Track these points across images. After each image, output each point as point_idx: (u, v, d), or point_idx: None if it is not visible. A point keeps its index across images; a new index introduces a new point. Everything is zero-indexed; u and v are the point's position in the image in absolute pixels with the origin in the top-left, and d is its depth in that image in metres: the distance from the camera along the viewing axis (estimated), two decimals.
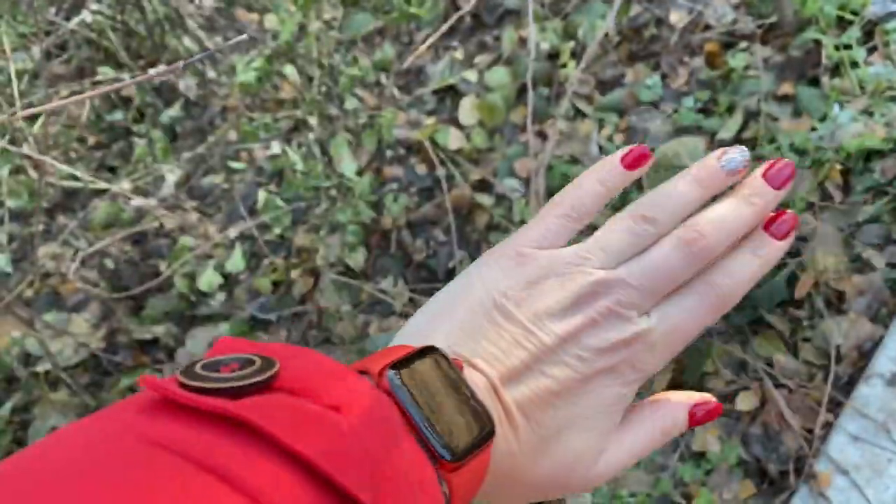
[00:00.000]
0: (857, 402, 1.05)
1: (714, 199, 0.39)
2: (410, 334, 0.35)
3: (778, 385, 1.10)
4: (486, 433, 0.31)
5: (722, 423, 1.13)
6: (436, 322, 0.35)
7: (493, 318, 0.35)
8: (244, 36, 0.41)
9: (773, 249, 0.36)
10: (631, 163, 0.38)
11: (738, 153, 0.37)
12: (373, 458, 0.24)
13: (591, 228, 0.38)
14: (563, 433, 0.34)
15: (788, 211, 0.37)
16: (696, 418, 0.38)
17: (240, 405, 0.22)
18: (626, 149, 0.38)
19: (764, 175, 0.37)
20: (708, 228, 0.35)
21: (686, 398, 0.38)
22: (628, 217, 0.36)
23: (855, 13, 1.36)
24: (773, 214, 0.37)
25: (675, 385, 1.18)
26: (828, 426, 1.06)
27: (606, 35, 1.55)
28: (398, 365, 0.30)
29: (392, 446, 0.25)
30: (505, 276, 0.36)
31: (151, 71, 0.44)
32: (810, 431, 1.06)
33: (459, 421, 0.30)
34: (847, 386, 1.09)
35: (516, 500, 0.36)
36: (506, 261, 0.36)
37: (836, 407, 1.07)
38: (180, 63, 0.45)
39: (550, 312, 0.35)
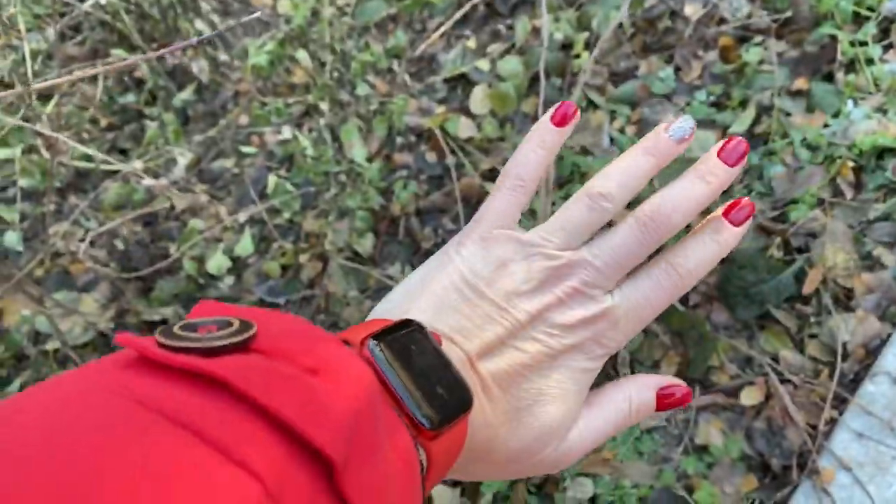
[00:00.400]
0: (862, 399, 1.05)
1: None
2: (388, 310, 0.37)
3: (783, 380, 1.10)
4: (464, 403, 0.32)
5: (726, 417, 1.13)
6: (413, 298, 0.37)
7: (466, 296, 0.36)
8: (256, 14, 0.42)
9: (730, 235, 0.38)
10: (560, 120, 0.40)
11: (684, 121, 0.39)
12: (348, 420, 0.23)
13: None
14: (535, 405, 0.36)
15: (745, 199, 0.38)
16: (664, 402, 0.39)
17: (212, 362, 0.22)
18: (553, 108, 0.40)
19: (719, 153, 0.38)
20: (665, 208, 0.37)
21: (655, 381, 0.39)
22: (584, 196, 0.38)
23: (871, 9, 1.35)
24: (732, 202, 0.38)
25: (681, 377, 1.18)
26: (832, 423, 1.06)
27: (621, 26, 1.54)
28: (378, 336, 0.31)
29: (369, 412, 0.25)
30: (475, 258, 0.37)
31: (163, 50, 0.44)
32: (814, 427, 1.06)
33: (438, 391, 0.31)
34: (853, 383, 1.09)
35: (492, 474, 0.37)
36: (474, 244, 0.38)
37: (841, 404, 1.07)
38: (193, 39, 0.45)
39: (520, 292, 0.37)
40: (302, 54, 1.47)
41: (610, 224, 0.39)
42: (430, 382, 0.31)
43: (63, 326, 1.45)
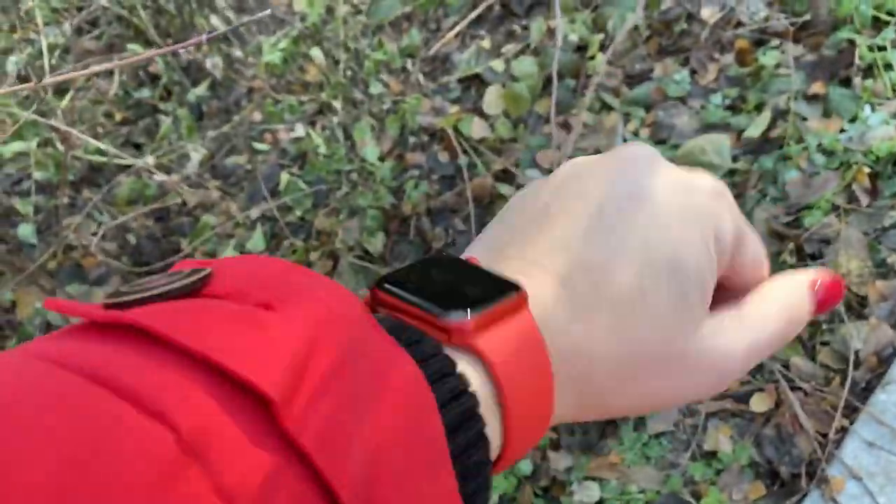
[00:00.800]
0: (873, 408, 1.04)
1: None
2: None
3: (794, 388, 1.09)
4: (504, 292, 0.23)
5: (735, 423, 1.12)
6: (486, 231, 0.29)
7: (525, 198, 0.29)
8: (267, 11, 0.41)
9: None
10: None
11: None
12: (296, 351, 0.19)
13: None
14: (643, 289, 0.25)
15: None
16: (821, 293, 0.29)
17: (135, 312, 0.19)
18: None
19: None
20: None
21: (806, 275, 0.30)
22: None
23: (891, 14, 1.34)
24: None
25: None
26: (843, 431, 1.05)
27: (636, 28, 1.53)
28: (395, 274, 0.25)
29: (351, 345, 0.20)
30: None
31: (173, 46, 0.44)
32: (824, 436, 1.05)
33: (466, 290, 0.24)
34: (864, 392, 1.07)
35: (655, 399, 0.27)
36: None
37: (851, 412, 1.06)
38: (203, 36, 0.45)
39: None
40: (316, 52, 1.47)
41: None
42: (454, 286, 0.24)
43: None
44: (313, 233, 1.50)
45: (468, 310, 0.22)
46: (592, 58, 1.52)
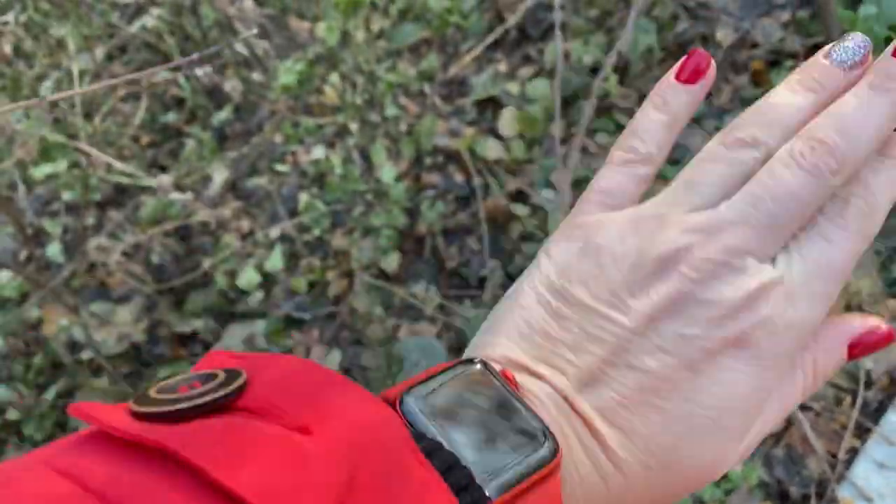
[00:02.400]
0: (885, 428, 1.03)
1: None
2: (474, 346, 0.29)
3: (804, 407, 1.08)
4: (542, 456, 0.23)
5: None
6: (495, 327, 0.28)
7: (556, 311, 0.26)
8: (254, 31, 0.44)
9: None
10: (689, 76, 0.30)
11: (852, 41, 0.28)
12: (341, 489, 0.19)
13: None
14: (683, 442, 0.25)
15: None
16: (860, 350, 0.28)
17: (169, 433, 0.18)
18: (680, 61, 0.30)
19: (894, 52, 0.27)
20: (831, 134, 0.26)
21: (846, 331, 0.28)
22: (719, 145, 0.27)
23: None
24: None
25: None
26: (853, 452, 1.04)
27: (650, 50, 1.54)
28: (421, 385, 0.24)
29: (388, 476, 0.20)
30: (569, 254, 0.27)
31: (167, 65, 0.46)
32: (834, 456, 1.04)
33: (500, 446, 0.23)
34: (876, 412, 1.06)
35: None
36: (569, 237, 0.28)
37: (863, 433, 1.05)
38: (195, 55, 0.48)
39: (628, 284, 0.25)
40: (334, 76, 1.51)
41: None
42: (489, 436, 0.23)
43: (98, 337, 1.49)
44: (330, 252, 1.52)
45: (504, 489, 0.22)
46: (606, 79, 1.53)
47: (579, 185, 1.36)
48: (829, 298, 0.26)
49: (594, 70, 1.57)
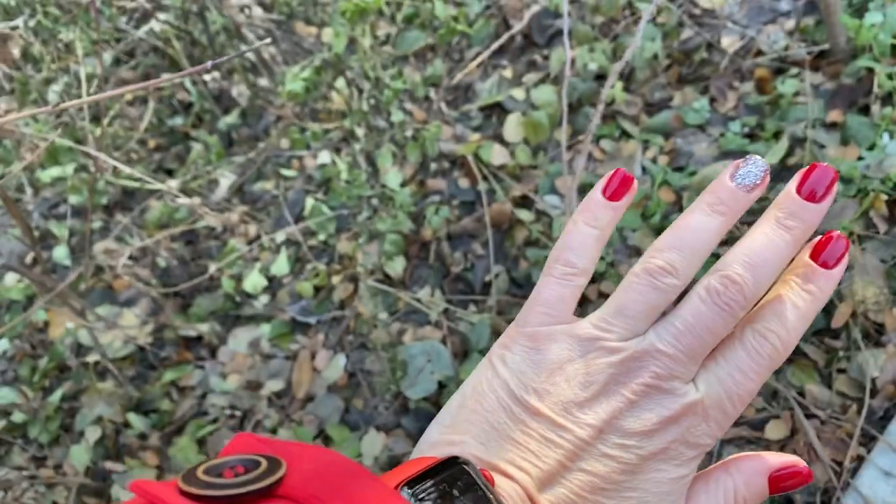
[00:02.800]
0: (890, 437, 1.03)
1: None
2: (434, 442, 0.32)
3: (809, 415, 1.08)
4: None
5: (750, 450, 1.11)
6: (459, 425, 0.32)
7: (517, 417, 0.31)
8: (267, 40, 0.44)
9: (825, 282, 0.31)
10: (613, 193, 0.34)
11: (752, 164, 0.32)
12: None
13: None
14: None
15: (835, 232, 0.31)
16: (781, 486, 0.32)
17: None
18: (604, 179, 0.34)
19: (798, 188, 0.31)
20: (740, 271, 0.30)
21: (767, 464, 0.32)
22: (643, 272, 0.31)
23: None
24: (819, 239, 0.31)
25: None
26: (859, 460, 1.04)
27: (656, 57, 1.55)
28: (416, 481, 0.27)
29: None
30: (524, 365, 0.32)
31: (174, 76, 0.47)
32: (840, 464, 1.04)
33: None
34: (882, 420, 1.06)
35: None
36: (521, 347, 0.32)
37: (868, 441, 1.05)
38: (208, 63, 0.48)
39: (579, 401, 0.30)
40: (341, 82, 1.52)
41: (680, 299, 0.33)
42: None
43: (104, 340, 1.50)
44: (336, 257, 1.53)
45: None
46: (612, 86, 1.53)
47: (584, 191, 1.37)
48: (735, 417, 0.31)
49: (599, 77, 1.57)
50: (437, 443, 0.32)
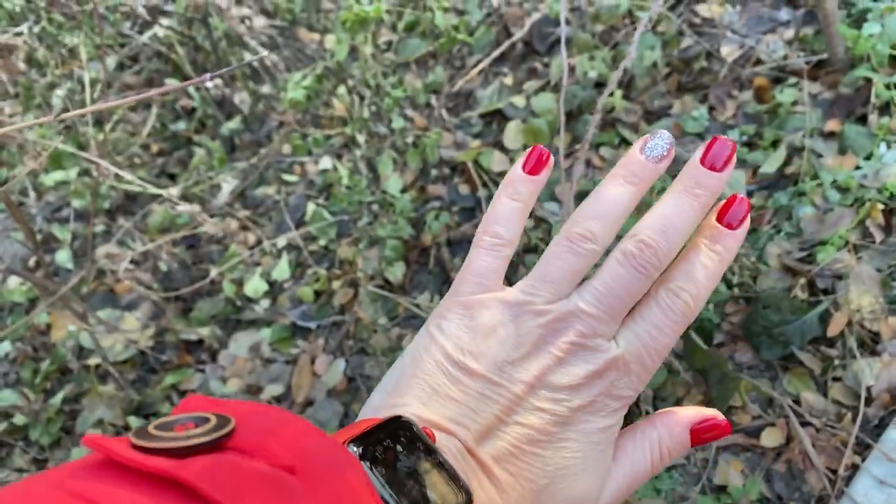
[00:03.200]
0: (885, 445, 1.03)
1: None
2: (377, 406, 0.34)
3: (804, 423, 1.09)
4: (461, 501, 0.29)
5: (745, 458, 1.12)
6: (401, 389, 0.34)
7: (455, 378, 0.33)
8: (265, 53, 0.45)
9: (730, 241, 0.34)
10: (533, 168, 0.37)
11: (659, 138, 0.35)
12: None
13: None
14: (556, 481, 0.32)
15: (738, 195, 0.34)
16: (701, 437, 0.35)
17: (180, 466, 0.21)
18: (524, 155, 0.37)
19: (702, 160, 0.35)
20: (653, 235, 0.33)
21: (688, 418, 0.36)
22: (565, 240, 0.34)
23: None
24: (723, 203, 0.34)
25: None
26: (853, 468, 1.04)
27: (655, 65, 1.56)
28: (361, 439, 0.29)
29: None
30: (459, 330, 0.34)
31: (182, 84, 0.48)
32: (834, 472, 1.04)
33: (430, 495, 0.28)
34: (876, 429, 1.07)
35: None
36: (456, 315, 0.35)
37: (863, 449, 1.05)
38: (207, 75, 0.49)
39: (512, 360, 0.33)
40: (342, 89, 1.53)
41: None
42: (419, 485, 0.28)
43: (105, 343, 1.51)
44: (336, 262, 1.53)
45: None
46: (611, 94, 1.54)
47: (582, 198, 1.37)
48: (654, 370, 0.34)
49: (599, 84, 1.58)
50: (380, 407, 0.34)
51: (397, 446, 0.29)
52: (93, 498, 0.20)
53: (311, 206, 1.59)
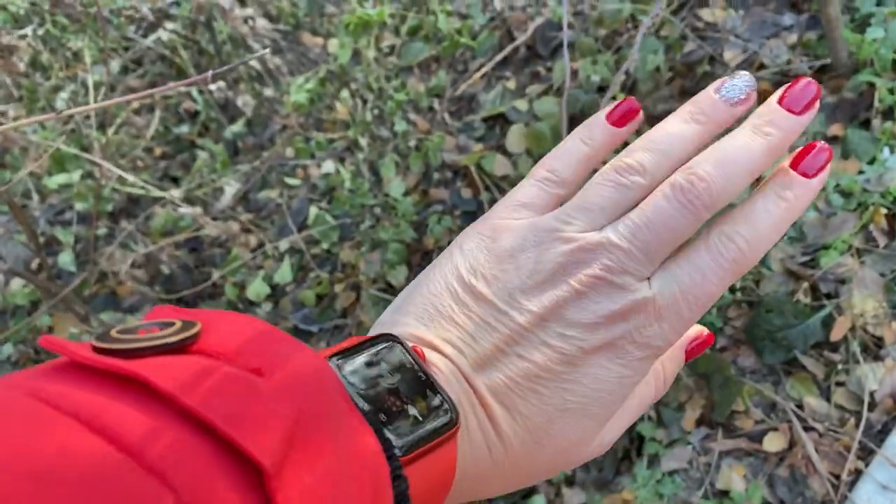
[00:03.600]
0: (888, 450, 1.03)
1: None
2: (384, 322, 0.32)
3: (807, 428, 1.08)
4: (443, 423, 0.27)
5: (748, 462, 1.11)
6: (405, 308, 0.32)
7: (462, 300, 0.31)
8: (267, 51, 0.45)
9: (803, 190, 0.30)
10: (618, 119, 0.33)
11: (740, 79, 0.31)
12: (287, 422, 0.21)
13: None
14: (555, 423, 0.30)
15: (819, 142, 0.31)
16: (692, 354, 0.34)
17: (137, 363, 0.20)
18: (612, 104, 0.34)
19: (780, 100, 0.31)
20: (709, 169, 0.29)
21: (683, 340, 0.34)
22: (611, 170, 0.31)
23: None
24: (800, 149, 0.31)
25: (705, 420, 1.17)
26: (856, 473, 1.04)
27: (658, 70, 1.56)
28: (344, 354, 0.27)
29: (328, 417, 0.22)
30: (478, 251, 0.31)
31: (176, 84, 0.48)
32: (838, 477, 1.04)
33: (409, 410, 0.27)
34: (880, 434, 1.06)
35: (500, 491, 0.32)
36: (479, 236, 0.32)
37: (866, 454, 1.05)
38: (209, 73, 0.49)
39: (524, 288, 0.30)
40: (345, 93, 1.53)
41: None
42: (399, 401, 0.27)
43: None
44: (338, 265, 1.53)
45: (410, 448, 0.26)
46: (614, 98, 1.54)
47: None
48: (692, 321, 0.30)
49: (602, 88, 1.58)
50: (383, 323, 0.32)
51: (381, 362, 0.28)
52: (48, 398, 0.19)
53: (313, 210, 1.59)
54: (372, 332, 0.31)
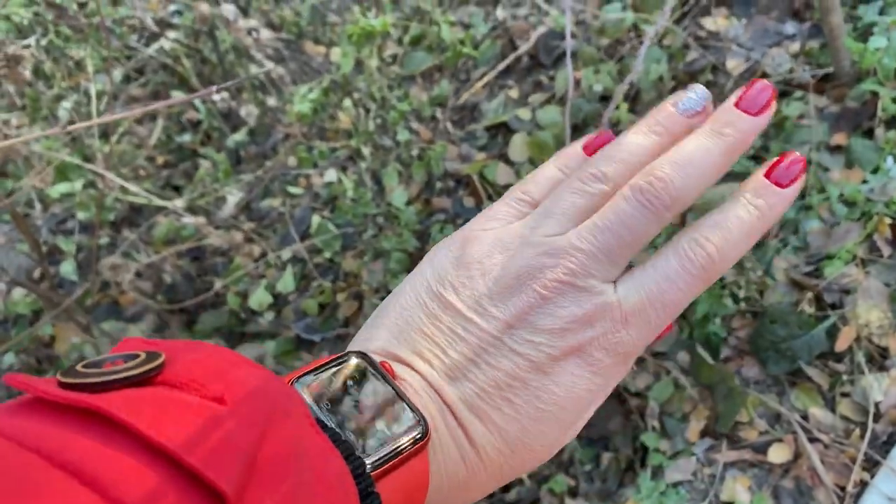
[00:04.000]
0: (894, 462, 1.02)
1: None
2: (358, 339, 0.32)
3: (812, 439, 1.08)
4: (413, 437, 0.27)
5: (753, 474, 1.11)
6: (377, 323, 0.32)
7: (431, 312, 0.31)
8: (270, 66, 0.45)
9: (775, 199, 0.30)
10: (594, 151, 0.33)
11: (695, 92, 0.32)
12: (247, 449, 0.21)
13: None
14: (529, 431, 0.29)
15: (793, 152, 0.31)
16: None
17: (100, 398, 0.21)
18: (590, 135, 0.35)
19: (737, 102, 0.31)
20: (667, 170, 0.30)
21: None
22: (576, 178, 0.31)
23: None
24: (776, 158, 0.31)
25: (709, 431, 1.16)
26: (862, 485, 1.03)
27: (661, 79, 1.56)
28: (311, 373, 0.28)
29: (291, 440, 0.23)
30: (446, 262, 0.32)
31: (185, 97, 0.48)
32: (843, 489, 1.03)
33: (378, 425, 0.27)
34: (885, 445, 1.06)
35: (486, 492, 0.31)
36: (449, 248, 0.32)
37: (872, 466, 1.04)
38: (213, 88, 0.49)
39: (491, 294, 0.30)
40: (347, 102, 1.53)
41: None
42: (367, 417, 0.27)
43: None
44: (341, 274, 1.53)
45: (382, 462, 0.26)
46: (617, 107, 1.54)
47: None
48: (660, 327, 0.30)
49: (604, 98, 1.58)
50: (358, 339, 0.32)
51: (348, 381, 0.28)
52: (11, 433, 0.20)
53: (315, 219, 1.59)
54: (348, 349, 0.31)
